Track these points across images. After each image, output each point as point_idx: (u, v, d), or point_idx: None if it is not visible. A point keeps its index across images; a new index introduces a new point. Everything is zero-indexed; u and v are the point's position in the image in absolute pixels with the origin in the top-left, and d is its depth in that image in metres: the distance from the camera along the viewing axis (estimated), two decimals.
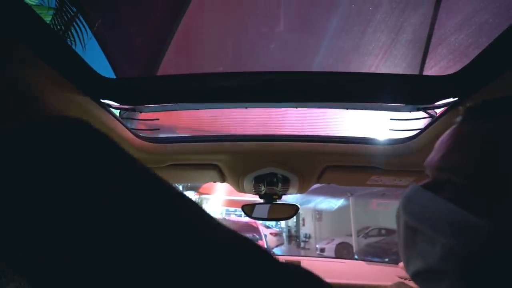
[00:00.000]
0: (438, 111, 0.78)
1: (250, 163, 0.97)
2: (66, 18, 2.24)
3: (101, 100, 0.68)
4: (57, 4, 2.26)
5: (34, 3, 3.88)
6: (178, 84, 0.69)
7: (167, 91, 0.71)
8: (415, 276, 0.34)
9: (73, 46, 2.33)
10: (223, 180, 1.10)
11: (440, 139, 0.38)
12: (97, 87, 0.63)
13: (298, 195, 1.57)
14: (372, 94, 0.66)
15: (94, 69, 0.61)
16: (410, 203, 0.37)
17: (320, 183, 1.09)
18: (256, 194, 1.14)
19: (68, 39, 2.23)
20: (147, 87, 0.72)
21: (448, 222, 0.30)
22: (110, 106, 0.76)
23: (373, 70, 2.33)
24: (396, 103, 0.71)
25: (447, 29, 2.02)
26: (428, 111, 0.80)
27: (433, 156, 0.37)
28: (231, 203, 10.55)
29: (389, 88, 0.65)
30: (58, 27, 2.18)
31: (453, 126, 0.36)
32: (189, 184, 8.98)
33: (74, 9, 2.25)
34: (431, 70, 2.19)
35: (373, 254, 7.44)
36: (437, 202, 0.32)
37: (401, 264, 1.37)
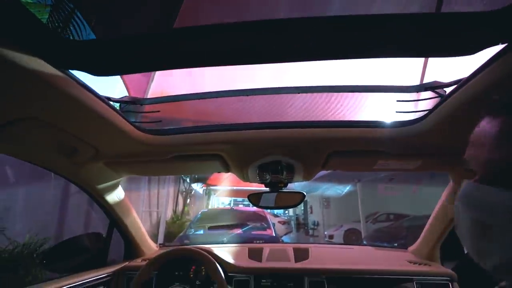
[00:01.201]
0: (448, 90, 0.74)
1: (254, 152, 0.96)
2: (63, 15, 2.22)
3: (70, 70, 0.58)
4: (53, 1, 2.23)
5: (31, 1, 3.85)
6: (169, 43, 0.54)
7: (156, 52, 0.57)
8: (496, 271, 0.34)
9: None
10: (227, 170, 1.10)
11: (478, 132, 0.38)
12: (62, 55, 0.53)
13: (305, 183, 1.56)
14: (394, 42, 0.52)
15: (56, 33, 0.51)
16: (472, 200, 0.37)
17: (326, 170, 1.07)
18: (261, 183, 1.13)
19: (67, 36, 2.21)
20: (127, 48, 0.55)
21: None
22: (111, 99, 0.75)
23: None
24: (426, 54, 0.59)
25: (454, 4, 1.93)
26: (437, 90, 0.77)
27: (477, 150, 0.37)
28: (239, 193, 10.65)
29: (415, 34, 0.49)
30: (56, 24, 2.16)
31: (489, 118, 0.36)
32: (196, 176, 9.08)
33: (71, 5, 2.22)
34: None
35: (382, 239, 7.46)
36: (500, 195, 0.32)
37: (410, 248, 1.36)
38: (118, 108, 0.86)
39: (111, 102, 0.75)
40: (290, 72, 2.40)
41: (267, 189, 1.16)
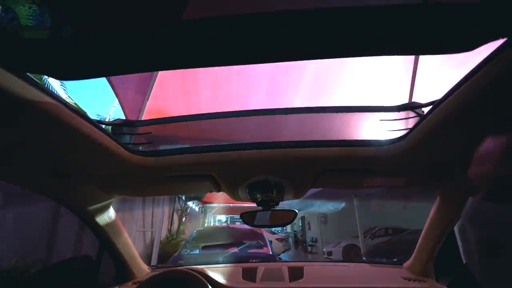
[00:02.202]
0: (426, 110, 0.78)
1: (243, 171, 0.97)
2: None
3: (28, 73, 0.50)
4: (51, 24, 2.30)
5: (31, 24, 3.95)
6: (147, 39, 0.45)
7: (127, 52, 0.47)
8: None
9: None
10: (219, 189, 1.11)
11: (484, 148, 0.36)
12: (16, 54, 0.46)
13: (299, 200, 1.57)
14: (383, 38, 0.47)
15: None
16: (480, 218, 0.35)
17: (316, 188, 1.09)
18: (252, 201, 1.14)
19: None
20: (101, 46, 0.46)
21: None
22: (103, 122, 0.77)
23: (371, 64, 2.33)
24: (417, 51, 0.54)
25: None
26: (416, 110, 0.81)
27: (483, 166, 0.36)
28: (235, 210, 10.51)
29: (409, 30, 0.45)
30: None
31: (494, 134, 0.35)
32: (192, 195, 8.97)
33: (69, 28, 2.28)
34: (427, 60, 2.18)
35: (381, 254, 7.34)
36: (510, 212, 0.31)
37: (405, 264, 1.35)
38: (110, 130, 0.88)
39: (103, 125, 0.77)
40: (282, 89, 2.45)
41: (260, 207, 1.17)
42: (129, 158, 0.87)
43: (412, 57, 2.16)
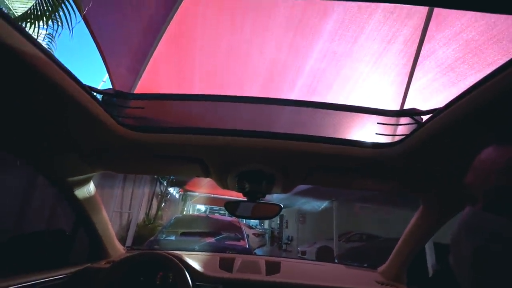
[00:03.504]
0: (424, 118, 0.79)
1: (235, 158, 0.95)
2: None
3: None
4: None
5: None
6: None
7: None
8: None
9: (60, 29, 2.25)
10: (207, 175, 1.08)
11: (485, 156, 0.36)
12: None
13: (284, 195, 1.56)
14: None
15: None
16: (476, 229, 0.34)
17: (305, 184, 1.09)
18: (240, 191, 1.12)
19: (55, 21, 2.15)
20: None
21: None
22: (94, 89, 0.73)
23: (364, 77, 2.37)
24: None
25: (436, 43, 2.08)
26: (415, 117, 0.81)
27: (482, 175, 0.35)
28: (216, 201, 10.48)
29: None
30: (45, 7, 2.09)
31: (496, 144, 0.35)
32: (174, 179, 8.85)
33: None
34: (419, 81, 2.25)
35: (353, 259, 7.56)
36: (507, 223, 0.31)
37: (379, 269, 1.38)
38: (100, 99, 0.83)
39: (94, 93, 0.72)
40: (278, 85, 2.44)
41: (245, 198, 1.15)
42: (118, 131, 0.83)
43: (408, 69, 2.20)
